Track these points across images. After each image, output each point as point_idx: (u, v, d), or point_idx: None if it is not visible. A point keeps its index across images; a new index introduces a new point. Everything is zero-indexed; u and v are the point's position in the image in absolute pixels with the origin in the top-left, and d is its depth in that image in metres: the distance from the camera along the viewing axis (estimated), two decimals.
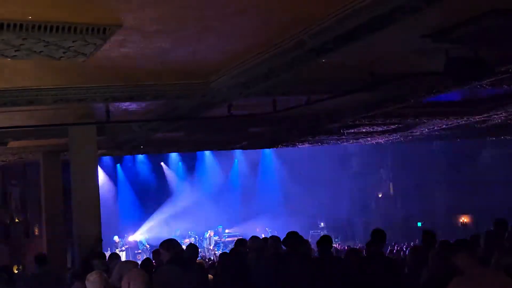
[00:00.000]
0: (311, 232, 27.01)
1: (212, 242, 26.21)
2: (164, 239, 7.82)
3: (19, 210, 21.46)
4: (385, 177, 31.06)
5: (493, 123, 16.80)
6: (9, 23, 5.86)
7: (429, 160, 28.51)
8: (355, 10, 6.18)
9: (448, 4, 6.13)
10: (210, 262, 16.74)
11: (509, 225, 9.34)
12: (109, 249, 21.01)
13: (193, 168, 29.78)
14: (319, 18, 6.59)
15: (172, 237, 9.21)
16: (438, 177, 28.95)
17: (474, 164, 27.72)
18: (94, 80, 8.93)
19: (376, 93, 11.36)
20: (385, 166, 30.63)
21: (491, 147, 27.23)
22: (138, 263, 8.34)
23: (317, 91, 10.43)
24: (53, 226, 15.36)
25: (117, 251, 20.85)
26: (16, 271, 18.61)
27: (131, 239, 26.51)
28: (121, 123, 12.26)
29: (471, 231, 20.30)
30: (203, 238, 26.45)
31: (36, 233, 21.39)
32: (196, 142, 16.69)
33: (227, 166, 30.20)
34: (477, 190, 26.35)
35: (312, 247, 10.75)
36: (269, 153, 29.78)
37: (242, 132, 15.33)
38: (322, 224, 29.14)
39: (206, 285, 8.54)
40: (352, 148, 28.52)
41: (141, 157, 27.92)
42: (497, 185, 26.22)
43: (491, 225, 9.45)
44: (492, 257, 6.76)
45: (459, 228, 27.44)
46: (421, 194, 28.65)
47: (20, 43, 6.37)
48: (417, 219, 28.18)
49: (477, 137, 22.26)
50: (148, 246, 24.59)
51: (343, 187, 29.45)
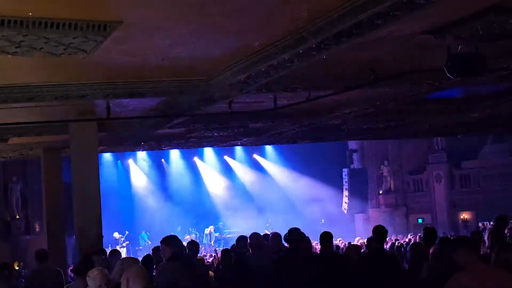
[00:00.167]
0: (312, 228, 27.03)
1: (212, 238, 26.25)
2: (165, 236, 7.84)
3: (20, 206, 21.49)
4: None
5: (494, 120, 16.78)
6: (10, 19, 5.85)
7: None
8: (356, 6, 6.17)
9: (449, 0, 6.12)
10: (210, 258, 16.77)
11: (509, 221, 9.36)
12: (110, 245, 21.05)
13: (194, 164, 29.79)
14: (320, 14, 6.58)
15: (173, 233, 9.22)
16: None
17: None
18: (94, 76, 8.92)
19: (376, 90, 11.34)
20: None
21: None
22: (138, 260, 8.36)
23: (318, 87, 10.41)
24: (54, 222, 15.35)
25: (118, 248, 20.88)
26: (17, 268, 18.65)
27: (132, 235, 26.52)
28: (121, 120, 12.24)
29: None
30: (203, 234, 26.48)
31: (36, 229, 21.43)
32: (196, 138, 16.68)
33: (227, 162, 30.21)
34: None
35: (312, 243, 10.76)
36: (269, 149, 29.79)
37: (242, 128, 15.32)
38: (322, 220, 29.16)
39: (207, 282, 8.56)
40: (352, 144, 28.56)
41: (141, 154, 27.91)
42: None
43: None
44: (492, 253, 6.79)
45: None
46: None
47: (20, 40, 6.36)
48: None
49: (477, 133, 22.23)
50: (150, 242, 24.59)
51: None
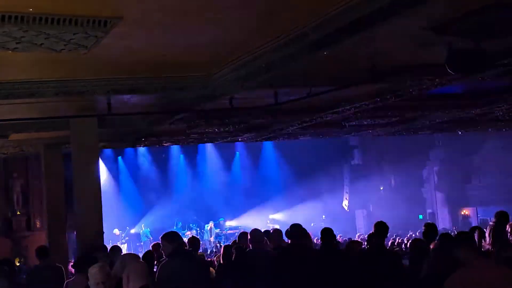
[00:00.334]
0: (313, 224, 27.04)
1: (213, 233, 26.24)
2: (165, 232, 7.84)
3: (21, 202, 21.47)
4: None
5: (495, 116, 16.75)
6: (10, 15, 5.85)
7: None
8: (357, 2, 6.16)
9: None
10: (211, 254, 16.77)
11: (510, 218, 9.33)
12: (110, 241, 21.04)
13: (195, 160, 29.77)
14: (320, 10, 6.57)
15: (173, 229, 9.25)
16: None
17: None
18: (95, 72, 8.91)
19: (377, 86, 11.34)
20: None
21: None
22: (139, 256, 8.37)
23: (319, 83, 10.40)
24: (55, 218, 15.36)
25: (118, 244, 20.88)
26: (18, 264, 18.65)
27: (133, 231, 26.52)
28: (122, 116, 12.24)
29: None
30: (204, 230, 26.48)
31: (37, 225, 21.39)
32: (197, 134, 16.68)
33: (228, 158, 30.19)
34: None
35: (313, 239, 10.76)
36: (270, 145, 29.76)
37: (243, 124, 15.32)
38: (323, 216, 29.18)
39: (207, 278, 8.56)
40: (353, 140, 28.55)
41: (142, 150, 27.89)
42: None
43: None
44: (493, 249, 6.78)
45: None
46: None
47: (21, 36, 6.36)
48: None
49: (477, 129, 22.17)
50: (151, 238, 24.55)
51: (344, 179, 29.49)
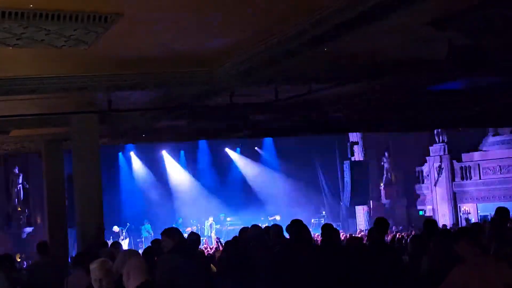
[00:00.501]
0: (313, 220, 27.05)
1: (213, 229, 26.23)
2: (165, 228, 7.83)
3: (21, 198, 21.52)
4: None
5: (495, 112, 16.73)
6: (11, 11, 5.85)
7: None
8: None
9: None
10: (212, 250, 16.75)
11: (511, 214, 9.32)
12: (111, 237, 21.07)
13: (195, 157, 29.74)
14: (320, 6, 6.57)
15: (174, 225, 9.26)
16: None
17: None
18: (95, 68, 8.91)
19: (377, 82, 11.33)
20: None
21: None
22: (139, 252, 8.36)
23: (319, 79, 10.40)
24: (55, 214, 15.37)
25: (120, 240, 20.91)
26: (18, 260, 18.70)
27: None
28: (122, 112, 12.24)
29: None
30: (204, 226, 26.46)
31: (38, 221, 21.46)
32: (197, 130, 16.68)
33: (228, 155, 30.15)
34: None
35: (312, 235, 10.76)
36: (270, 141, 29.73)
37: (243, 120, 15.32)
38: (323, 212, 29.15)
39: (208, 274, 8.57)
40: (353, 136, 28.48)
41: (142, 146, 27.84)
42: None
43: None
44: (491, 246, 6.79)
45: None
46: None
47: (21, 32, 6.36)
48: None
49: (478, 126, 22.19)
50: (152, 233, 24.49)
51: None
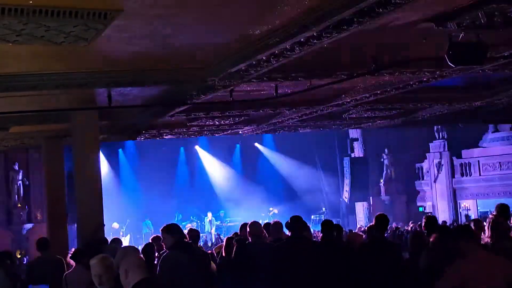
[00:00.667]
0: (313, 216, 27.08)
1: (213, 225, 26.25)
2: (165, 224, 7.83)
3: (21, 195, 21.52)
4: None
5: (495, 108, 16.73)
6: (10, 7, 5.84)
7: None
8: None
9: None
10: (212, 246, 16.79)
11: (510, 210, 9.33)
12: (111, 234, 21.07)
13: (195, 153, 29.76)
14: (320, 3, 6.56)
15: (173, 221, 9.26)
16: None
17: None
18: (95, 65, 8.91)
19: (377, 78, 11.33)
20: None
21: None
22: (138, 249, 8.35)
23: (319, 76, 10.39)
24: (55, 211, 15.37)
25: (120, 237, 20.89)
26: (18, 256, 18.71)
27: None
28: (122, 108, 12.25)
29: None
30: (204, 223, 26.49)
31: (38, 218, 21.45)
32: (197, 127, 16.70)
33: (228, 151, 30.17)
34: None
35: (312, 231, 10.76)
36: (270, 138, 29.74)
37: (243, 116, 15.33)
38: (323, 209, 29.18)
39: (208, 270, 8.58)
40: (353, 133, 28.51)
41: (142, 142, 27.83)
42: None
43: None
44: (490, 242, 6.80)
45: None
46: None
47: (21, 28, 6.35)
48: None
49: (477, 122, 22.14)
50: (152, 230, 24.47)
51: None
